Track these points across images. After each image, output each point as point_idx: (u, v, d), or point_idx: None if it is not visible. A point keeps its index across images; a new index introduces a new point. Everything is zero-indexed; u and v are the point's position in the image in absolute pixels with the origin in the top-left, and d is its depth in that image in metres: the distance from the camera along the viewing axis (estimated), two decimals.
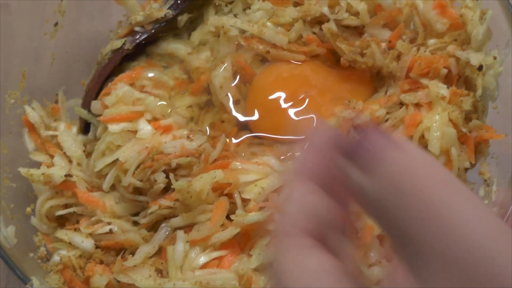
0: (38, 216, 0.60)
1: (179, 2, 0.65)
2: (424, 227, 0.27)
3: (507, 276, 0.26)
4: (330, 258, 0.31)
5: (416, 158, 0.29)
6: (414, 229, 0.28)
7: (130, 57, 0.65)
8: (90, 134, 0.64)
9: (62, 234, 0.58)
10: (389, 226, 0.29)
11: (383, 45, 0.62)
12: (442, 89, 0.58)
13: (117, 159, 0.57)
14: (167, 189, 0.57)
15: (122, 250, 0.57)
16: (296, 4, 0.65)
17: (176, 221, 0.55)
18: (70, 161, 0.62)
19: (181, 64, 0.66)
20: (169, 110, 0.62)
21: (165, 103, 0.62)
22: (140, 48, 0.65)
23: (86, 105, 0.64)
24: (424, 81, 0.59)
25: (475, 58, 0.57)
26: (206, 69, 0.64)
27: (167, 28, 0.65)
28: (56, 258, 0.57)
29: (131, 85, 0.62)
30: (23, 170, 0.59)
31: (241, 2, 0.66)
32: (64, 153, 0.62)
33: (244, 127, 0.64)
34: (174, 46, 0.65)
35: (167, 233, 0.56)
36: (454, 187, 0.28)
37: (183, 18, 0.65)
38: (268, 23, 0.63)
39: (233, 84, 0.63)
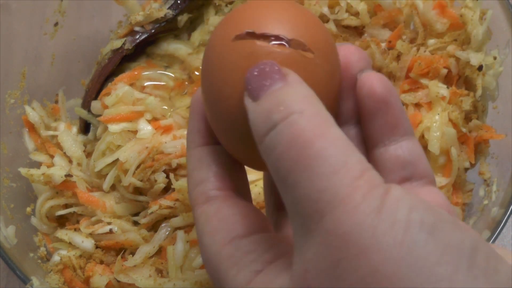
0: (38, 216, 0.60)
1: (179, 2, 0.65)
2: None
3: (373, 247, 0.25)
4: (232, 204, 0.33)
5: (293, 92, 0.29)
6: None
7: (130, 57, 0.65)
8: (90, 134, 0.64)
9: (62, 234, 0.58)
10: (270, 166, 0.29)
11: (383, 45, 0.62)
12: (442, 89, 0.58)
13: (117, 159, 0.57)
14: (167, 189, 0.57)
15: (122, 250, 0.57)
16: None
17: (176, 221, 0.55)
18: (70, 161, 0.62)
19: (182, 64, 0.66)
20: (169, 114, 0.62)
21: (166, 107, 0.62)
22: (140, 48, 0.65)
23: (86, 105, 0.64)
24: (424, 81, 0.59)
25: (475, 58, 0.57)
26: None
27: (167, 28, 0.65)
28: (56, 258, 0.57)
29: (131, 85, 0.62)
30: (23, 170, 0.59)
31: (241, 2, 0.66)
32: (64, 153, 0.62)
33: None
34: (175, 47, 0.65)
35: (167, 233, 0.56)
36: (327, 137, 0.27)
37: (183, 18, 0.65)
38: None
39: None
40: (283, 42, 0.31)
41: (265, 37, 0.31)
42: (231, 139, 0.34)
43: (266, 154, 0.28)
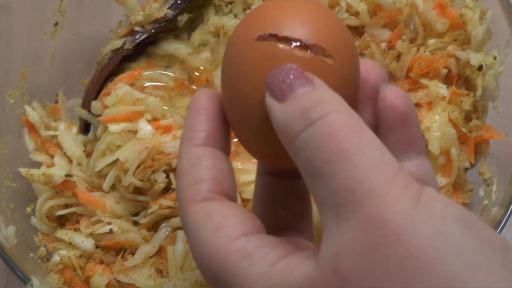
0: (38, 216, 0.60)
1: (179, 2, 0.65)
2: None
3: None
4: (231, 206, 0.33)
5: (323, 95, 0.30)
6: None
7: (130, 57, 0.65)
8: (90, 134, 0.64)
9: (62, 234, 0.58)
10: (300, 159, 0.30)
11: (383, 45, 0.62)
12: (442, 89, 0.58)
13: (117, 159, 0.57)
14: (167, 189, 0.57)
15: (122, 250, 0.57)
16: None
17: (176, 221, 0.56)
18: (70, 161, 0.62)
19: (182, 64, 0.66)
20: (169, 114, 0.62)
21: (166, 107, 0.62)
22: (140, 48, 0.65)
23: (86, 105, 0.64)
24: (424, 81, 0.59)
25: (475, 58, 0.57)
26: (207, 69, 0.64)
27: (167, 28, 0.65)
28: (56, 258, 0.57)
29: (131, 85, 0.62)
30: (23, 170, 0.59)
31: (241, 2, 0.66)
32: (64, 153, 0.62)
33: None
34: (175, 47, 0.65)
35: (167, 233, 0.56)
36: (361, 137, 0.28)
37: (183, 18, 0.65)
38: None
39: None
40: (304, 47, 0.32)
41: (287, 40, 0.32)
42: (248, 134, 0.34)
43: (300, 149, 0.29)
